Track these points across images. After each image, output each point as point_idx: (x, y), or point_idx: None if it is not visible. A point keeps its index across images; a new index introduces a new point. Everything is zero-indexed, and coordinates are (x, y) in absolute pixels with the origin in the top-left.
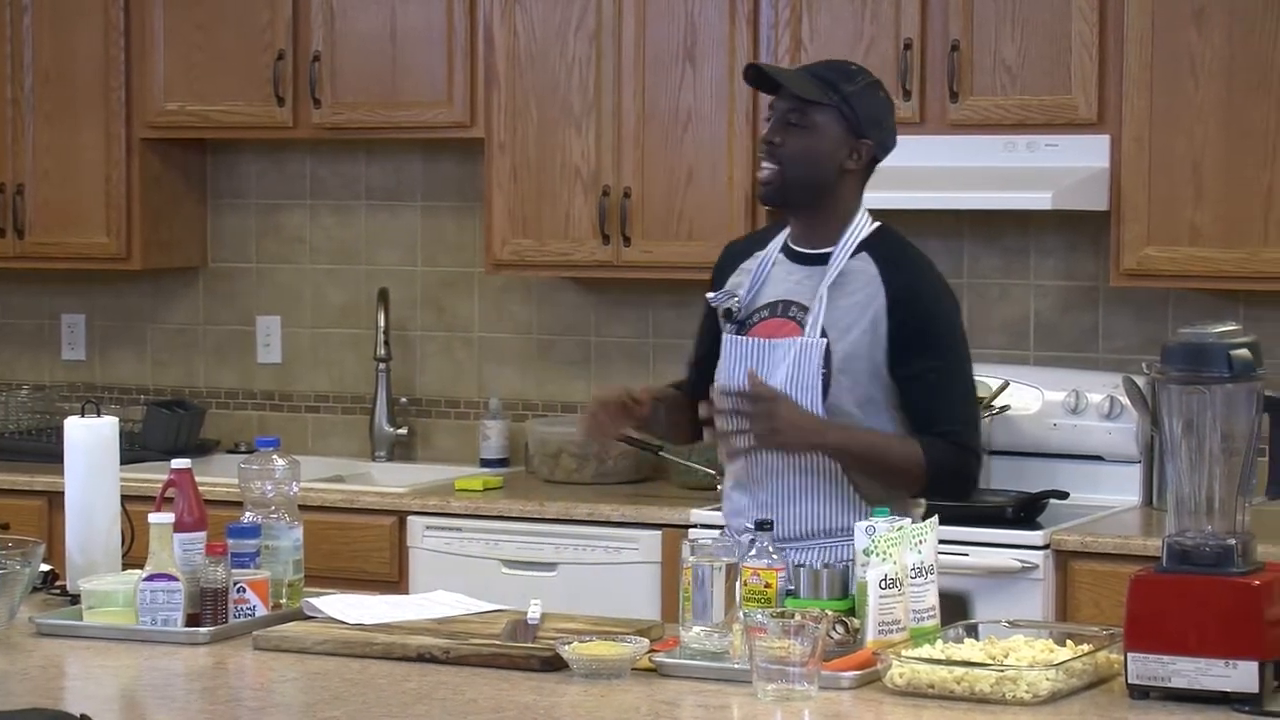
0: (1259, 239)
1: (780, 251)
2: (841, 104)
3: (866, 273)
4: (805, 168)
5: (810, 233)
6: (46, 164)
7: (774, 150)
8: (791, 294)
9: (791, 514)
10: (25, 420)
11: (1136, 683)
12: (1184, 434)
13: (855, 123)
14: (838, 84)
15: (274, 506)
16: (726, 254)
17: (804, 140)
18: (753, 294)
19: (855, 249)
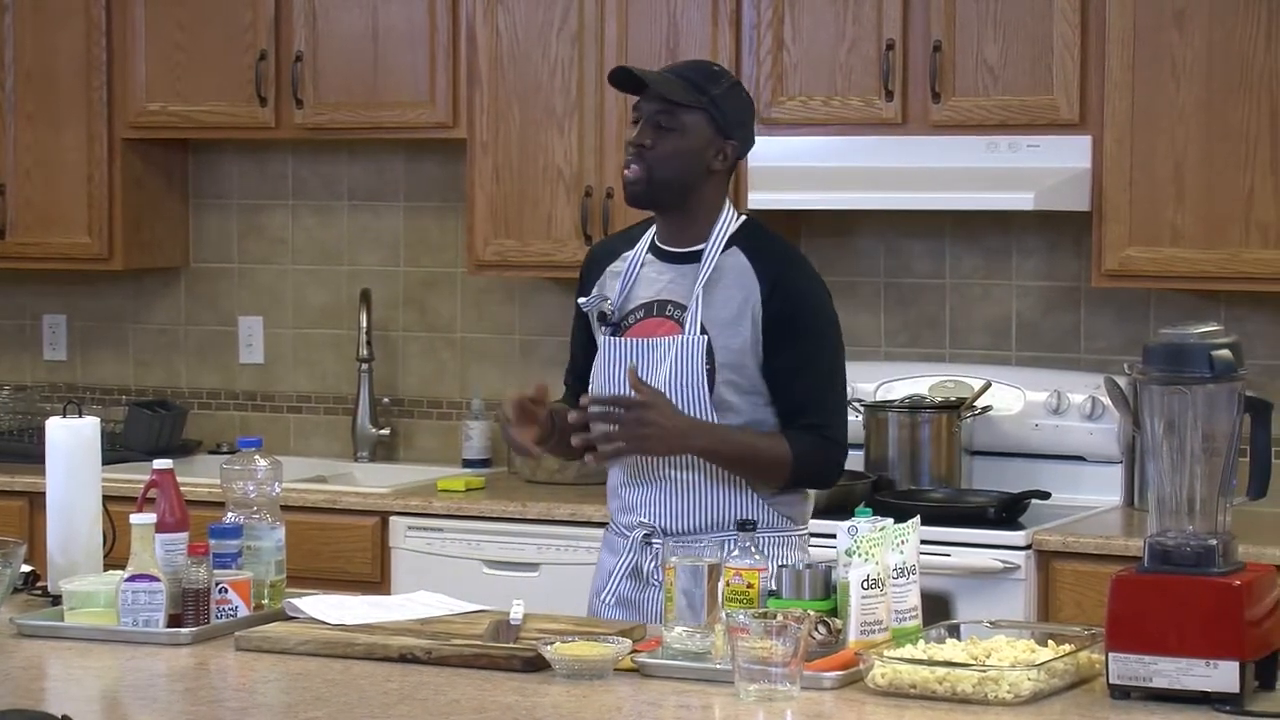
0: (1240, 240)
1: (649, 251)
2: (710, 106)
3: (739, 266)
4: (673, 169)
5: (678, 231)
6: (28, 164)
7: (642, 152)
8: (666, 293)
9: (690, 507)
10: (6, 420)
11: (1118, 683)
12: (1165, 434)
13: (722, 124)
14: (705, 86)
15: (256, 507)
16: (591, 257)
17: (673, 142)
18: (624, 295)
19: (725, 244)
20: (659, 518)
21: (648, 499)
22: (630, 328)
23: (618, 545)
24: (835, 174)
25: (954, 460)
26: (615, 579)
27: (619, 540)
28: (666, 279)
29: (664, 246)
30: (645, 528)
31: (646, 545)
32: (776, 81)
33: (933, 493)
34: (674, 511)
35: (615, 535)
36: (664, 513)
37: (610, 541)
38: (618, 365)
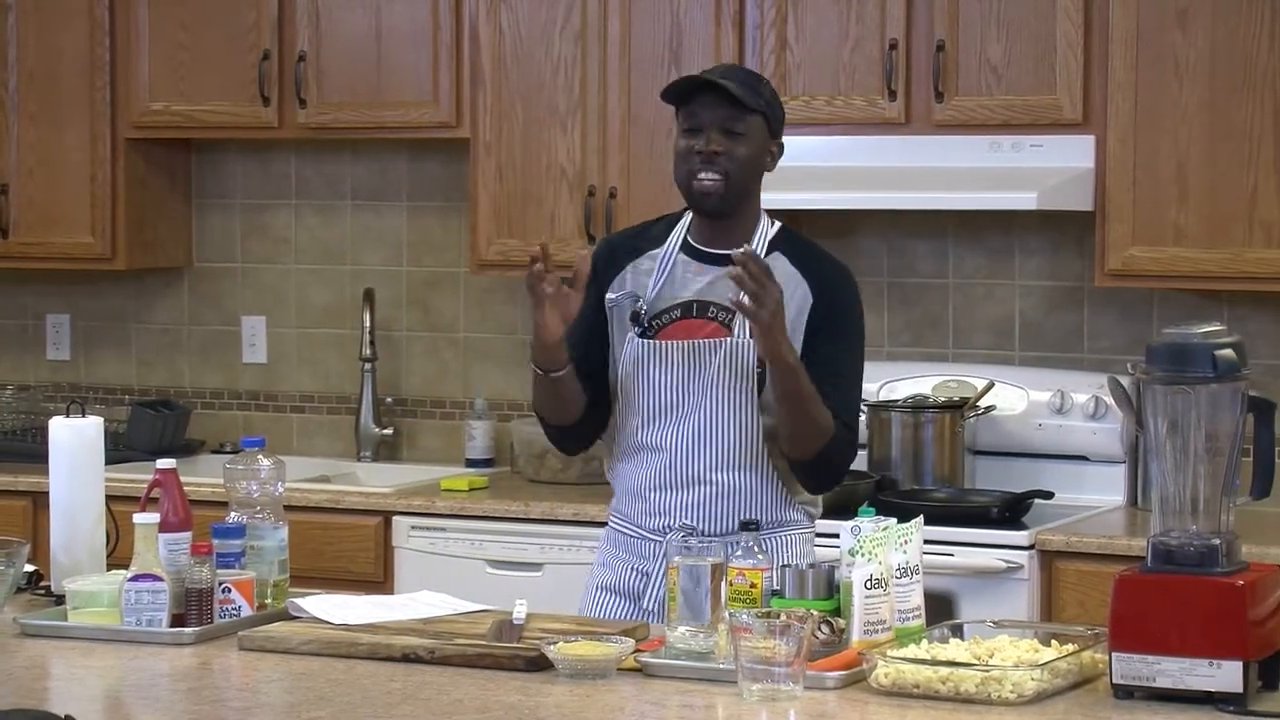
0: (1243, 239)
1: (681, 251)
2: (765, 108)
3: (785, 271)
4: (745, 174)
5: (721, 234)
6: (31, 164)
7: (715, 159)
8: (707, 294)
9: (732, 509)
10: (9, 420)
11: (1121, 682)
12: (1168, 434)
13: (775, 126)
14: (758, 88)
15: (259, 506)
16: (611, 250)
17: (744, 147)
18: (656, 293)
19: (767, 249)
20: (700, 520)
21: (686, 502)
22: (665, 328)
23: (644, 549)
24: (838, 174)
25: (957, 460)
26: (654, 583)
27: (640, 542)
28: (706, 280)
29: (702, 247)
30: (684, 529)
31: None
32: (780, 81)
33: (936, 492)
34: (715, 514)
35: (633, 537)
36: (705, 515)
37: (626, 543)
38: (658, 368)
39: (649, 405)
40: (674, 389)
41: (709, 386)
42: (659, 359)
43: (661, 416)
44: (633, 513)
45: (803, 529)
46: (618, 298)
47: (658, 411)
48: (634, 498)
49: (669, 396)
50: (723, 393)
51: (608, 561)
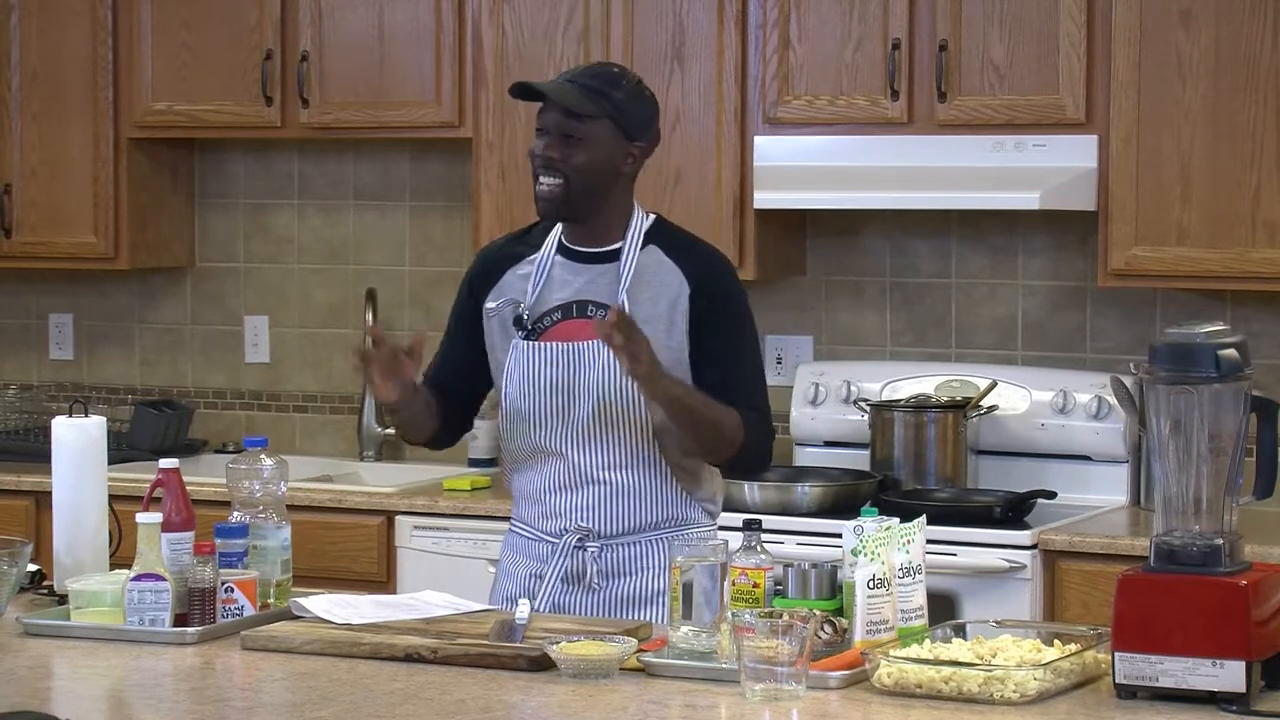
0: (1246, 239)
1: (557, 253)
2: (613, 111)
3: (659, 263)
4: (586, 180)
5: (590, 234)
6: (34, 163)
7: (553, 164)
8: (585, 293)
9: (627, 509)
10: (12, 420)
11: (1124, 682)
12: (1171, 434)
13: (627, 128)
14: (607, 92)
15: (262, 506)
16: (486, 259)
17: (582, 153)
18: (536, 297)
19: (642, 242)
20: (596, 521)
21: (581, 503)
22: (547, 330)
23: (537, 550)
24: (841, 173)
25: (960, 460)
26: (549, 585)
27: (538, 545)
28: (583, 279)
29: (575, 247)
30: (580, 531)
31: (580, 550)
32: (782, 81)
33: (938, 492)
34: (611, 514)
35: (531, 540)
36: (600, 516)
37: (524, 546)
38: (543, 369)
39: (538, 408)
40: (562, 390)
41: (596, 386)
42: (545, 360)
43: (551, 418)
44: (530, 516)
45: (704, 528)
46: (498, 305)
47: (547, 413)
48: (530, 502)
49: (558, 398)
50: (610, 392)
51: (507, 569)
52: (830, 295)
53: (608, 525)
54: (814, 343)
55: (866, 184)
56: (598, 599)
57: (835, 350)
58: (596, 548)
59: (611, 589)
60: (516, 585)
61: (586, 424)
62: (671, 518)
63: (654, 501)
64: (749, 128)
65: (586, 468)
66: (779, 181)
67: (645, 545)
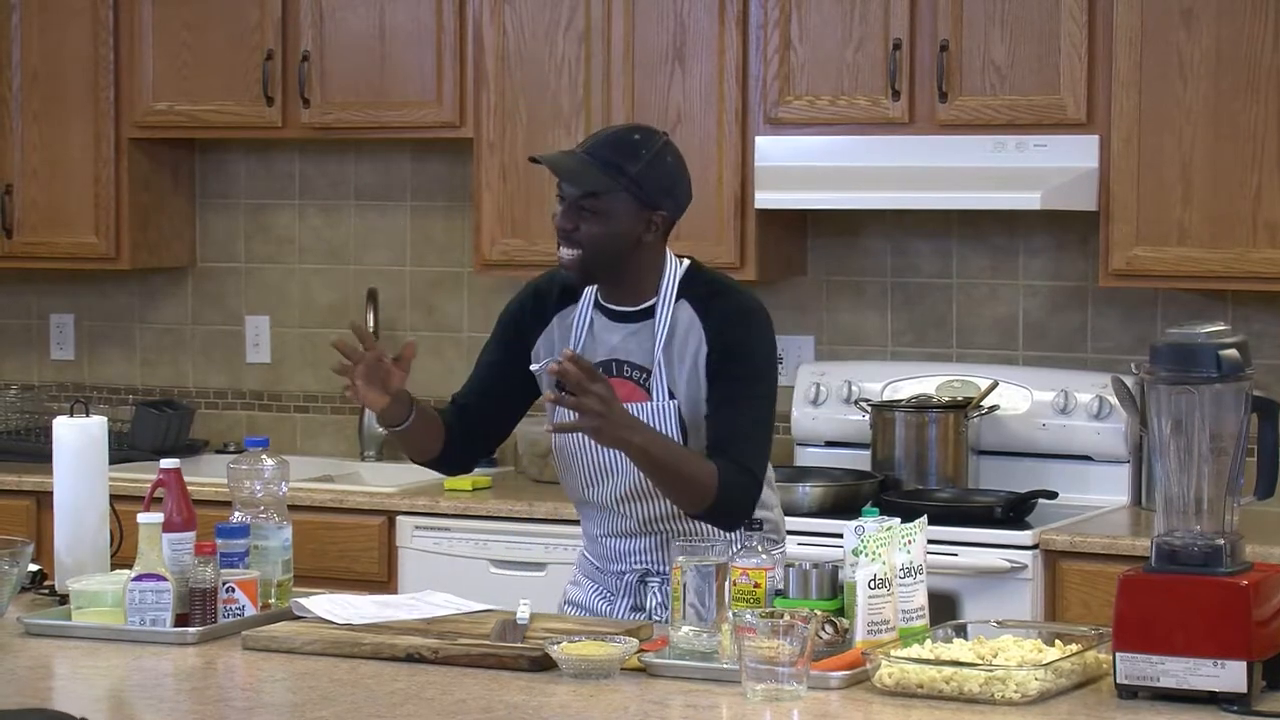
0: (1247, 239)
1: (594, 309)
2: (630, 185)
3: (688, 320)
4: (603, 250)
5: (621, 293)
6: (35, 163)
7: (570, 235)
8: (619, 353)
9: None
10: (13, 420)
11: (1125, 682)
12: (1172, 434)
13: (647, 199)
14: (623, 165)
15: (263, 506)
16: (537, 297)
17: (599, 226)
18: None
19: (677, 294)
20: (655, 563)
21: (639, 548)
22: None
23: (608, 583)
24: (842, 173)
25: (961, 460)
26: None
27: (605, 576)
28: (618, 338)
29: (610, 305)
30: (641, 570)
31: (642, 584)
32: (783, 81)
33: (939, 492)
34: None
35: (601, 572)
36: (659, 559)
37: (594, 574)
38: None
39: (586, 467)
40: (606, 452)
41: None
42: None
43: (599, 478)
44: (595, 553)
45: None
46: (541, 367)
47: (595, 474)
48: (592, 540)
49: (602, 459)
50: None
51: (578, 581)
52: (831, 295)
53: (668, 565)
54: (815, 343)
55: (867, 184)
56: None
57: (836, 350)
58: (658, 582)
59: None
60: (586, 598)
61: (634, 485)
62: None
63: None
64: (750, 128)
65: (641, 519)
66: (780, 182)
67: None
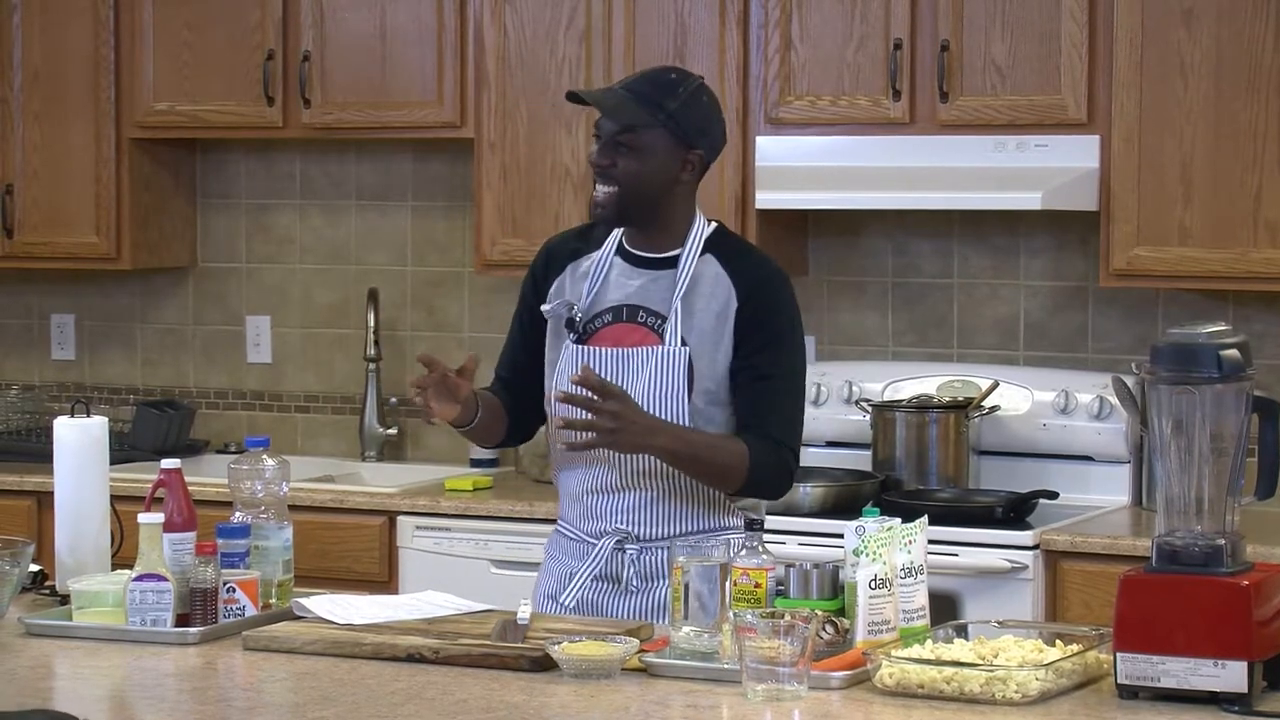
0: (1248, 239)
1: (616, 254)
2: (668, 121)
3: (714, 275)
4: (640, 187)
5: (650, 239)
6: (36, 164)
7: (606, 172)
8: (637, 298)
9: (665, 514)
10: (14, 420)
11: (1126, 682)
12: (1173, 434)
13: (684, 136)
14: (662, 101)
15: (264, 506)
16: (549, 254)
17: (636, 162)
18: (591, 298)
19: (700, 251)
20: (635, 524)
21: (622, 505)
22: (597, 332)
23: (578, 550)
24: (843, 173)
25: (961, 460)
26: (579, 582)
27: (579, 545)
28: (637, 284)
29: (634, 251)
30: (619, 533)
31: (619, 551)
32: (784, 81)
33: (940, 492)
34: (651, 518)
35: (573, 540)
36: (641, 519)
37: (566, 546)
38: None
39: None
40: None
41: (639, 394)
42: (591, 364)
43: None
44: (573, 516)
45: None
46: (554, 307)
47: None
48: (573, 500)
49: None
50: (653, 401)
51: (548, 568)
52: (832, 295)
53: (648, 529)
54: (816, 343)
55: (868, 184)
56: (635, 602)
57: (837, 350)
58: (636, 550)
59: (649, 591)
60: (554, 581)
61: None
62: (712, 524)
63: (695, 507)
64: (751, 128)
65: (629, 471)
66: (781, 181)
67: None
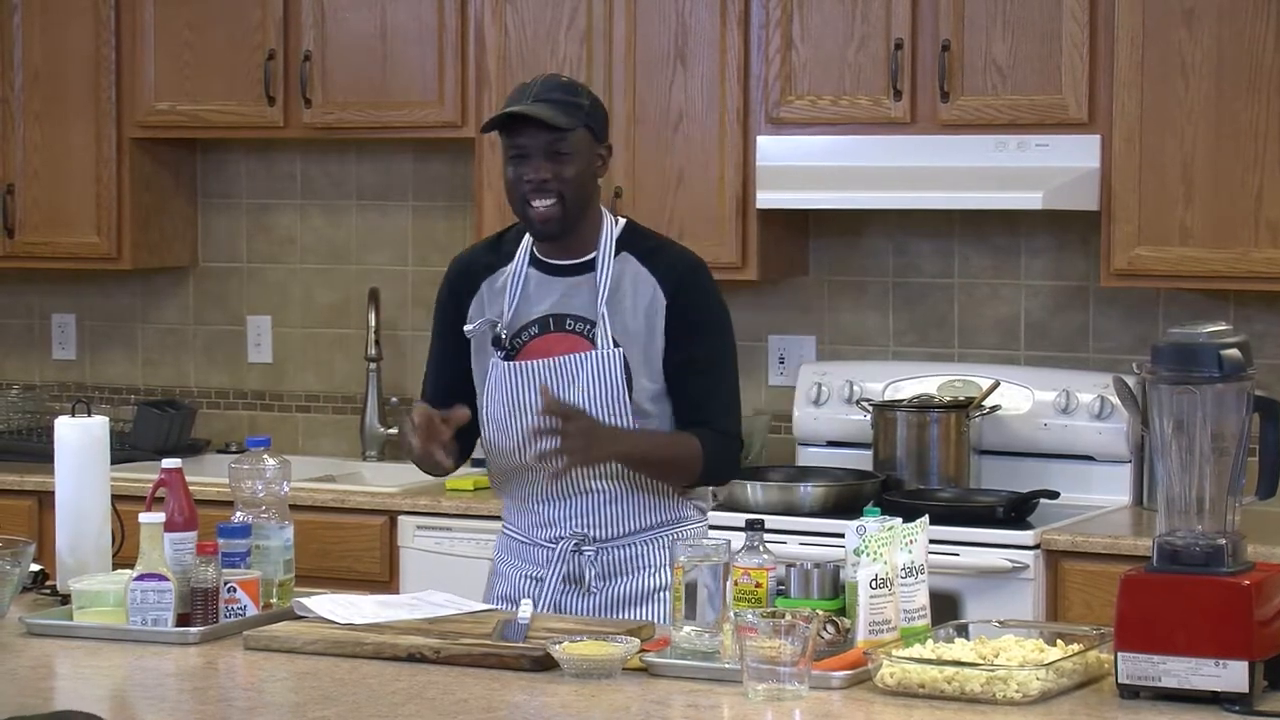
0: (1249, 239)
1: (530, 266)
2: (587, 119)
3: (635, 273)
4: (579, 192)
5: (562, 246)
6: (36, 164)
7: (544, 186)
8: (561, 306)
9: (619, 513)
10: (15, 420)
11: (1127, 682)
12: (1174, 434)
13: (598, 132)
14: (576, 101)
15: (264, 506)
16: (461, 270)
17: (571, 168)
18: (513, 312)
19: (616, 249)
20: (591, 527)
21: (574, 510)
22: (525, 345)
23: (537, 555)
24: (844, 173)
25: (962, 460)
26: (550, 587)
27: (538, 550)
28: (558, 293)
29: (548, 260)
30: (576, 536)
31: (577, 553)
32: (785, 81)
33: (941, 492)
34: (605, 519)
35: (529, 545)
36: (595, 521)
37: (521, 550)
38: (525, 390)
39: (522, 427)
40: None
41: (579, 401)
42: (524, 380)
43: (532, 439)
44: (523, 524)
45: (695, 524)
46: (475, 326)
47: (527, 433)
48: (523, 510)
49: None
50: (594, 406)
51: (502, 571)
52: (833, 295)
53: (603, 530)
54: (816, 342)
55: (869, 184)
56: (596, 600)
57: (838, 350)
58: (593, 551)
59: (609, 589)
60: (512, 587)
61: None
62: (665, 519)
63: (646, 505)
64: (752, 128)
65: (576, 479)
66: (781, 181)
67: (641, 546)
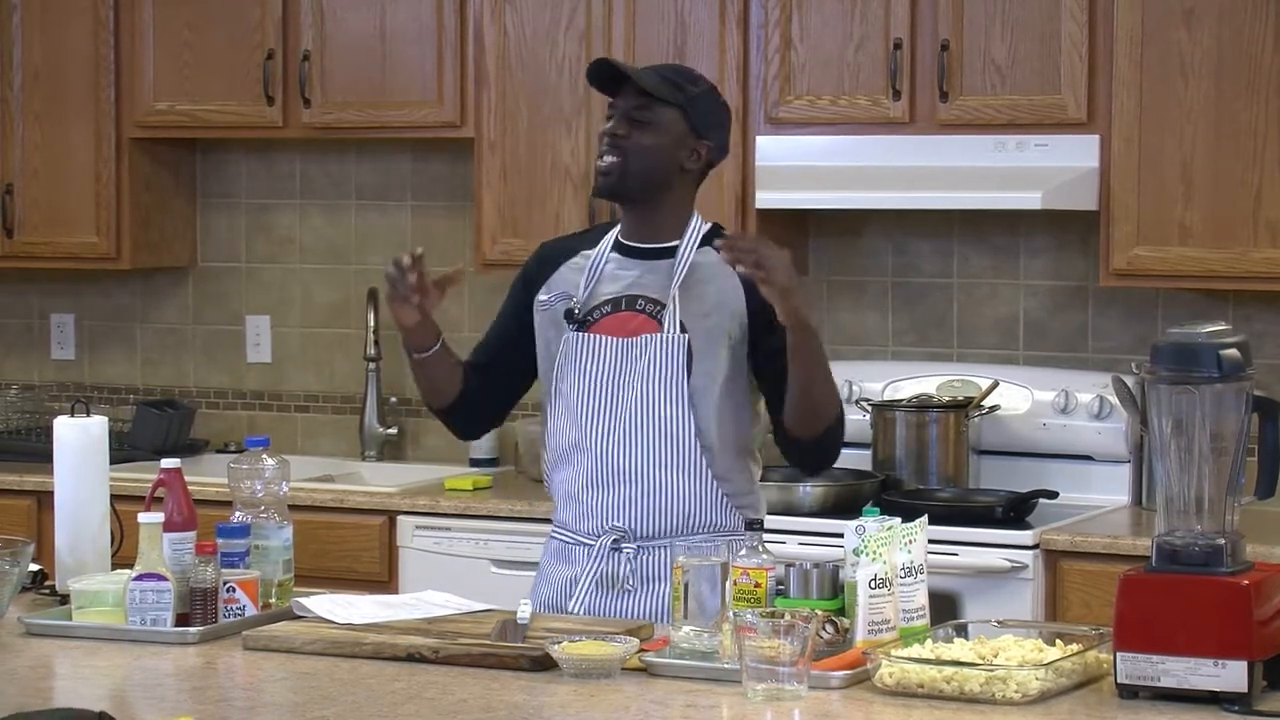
0: (1248, 239)
1: (612, 250)
2: (686, 103)
3: (713, 264)
4: (647, 162)
5: (645, 228)
6: (36, 163)
7: (617, 142)
8: (635, 288)
9: (660, 509)
10: (14, 420)
11: (1126, 682)
12: (1173, 434)
13: (697, 123)
14: (682, 85)
15: (264, 506)
16: (545, 252)
17: (648, 136)
18: (589, 291)
19: (700, 244)
20: (631, 520)
21: (617, 501)
22: (596, 323)
23: (576, 555)
24: (843, 173)
25: (961, 460)
26: (583, 589)
27: (577, 549)
28: (634, 274)
29: (630, 243)
30: (615, 532)
31: (616, 552)
32: (784, 81)
33: (940, 492)
34: (647, 514)
35: (570, 544)
36: (637, 516)
37: (563, 551)
38: (592, 362)
39: (581, 400)
40: (605, 383)
41: (638, 381)
42: (592, 352)
43: (591, 413)
44: (568, 517)
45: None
46: (550, 298)
47: (588, 407)
48: (568, 500)
49: (600, 392)
50: (651, 388)
51: (545, 575)
52: (832, 295)
53: (643, 525)
54: None
55: (868, 184)
56: (633, 603)
57: (837, 350)
58: (632, 549)
59: (648, 593)
60: (553, 589)
61: (630, 418)
62: (710, 524)
63: (692, 505)
64: (751, 127)
65: (626, 464)
66: (781, 181)
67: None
